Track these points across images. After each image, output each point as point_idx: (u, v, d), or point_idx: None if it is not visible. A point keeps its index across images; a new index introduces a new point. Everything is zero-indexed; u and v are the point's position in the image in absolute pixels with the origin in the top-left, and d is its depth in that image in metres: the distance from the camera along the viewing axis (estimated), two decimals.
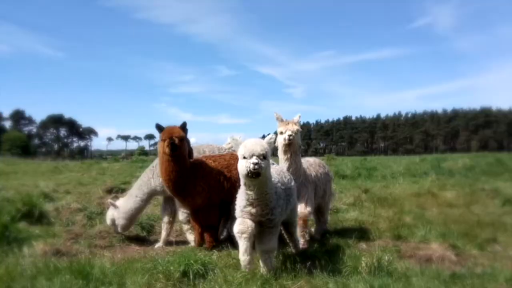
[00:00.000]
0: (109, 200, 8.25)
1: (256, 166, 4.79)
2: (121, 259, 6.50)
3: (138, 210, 7.89)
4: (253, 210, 5.23)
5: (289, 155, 6.73)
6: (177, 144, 6.46)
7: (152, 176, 7.71)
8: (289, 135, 6.63)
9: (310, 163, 7.67)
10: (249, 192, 5.16)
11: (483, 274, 5.68)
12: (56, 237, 7.64)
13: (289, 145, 6.70)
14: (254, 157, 4.82)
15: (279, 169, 6.08)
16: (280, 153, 6.83)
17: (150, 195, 7.88)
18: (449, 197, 11.76)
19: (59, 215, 9.22)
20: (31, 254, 6.47)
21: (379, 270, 5.57)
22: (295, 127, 6.75)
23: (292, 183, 6.05)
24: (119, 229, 7.79)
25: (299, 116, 7.00)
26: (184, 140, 6.73)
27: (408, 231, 7.98)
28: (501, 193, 11.77)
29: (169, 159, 6.52)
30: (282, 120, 6.93)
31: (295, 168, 6.77)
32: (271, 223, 5.34)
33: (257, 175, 4.86)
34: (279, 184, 5.55)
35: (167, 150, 6.43)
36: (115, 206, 7.76)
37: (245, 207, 5.29)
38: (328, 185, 7.96)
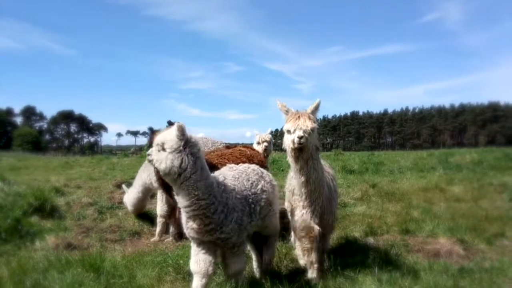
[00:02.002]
0: (123, 185, 9.11)
1: (149, 157, 4.21)
2: (132, 252, 6.61)
3: (137, 200, 8.39)
4: (194, 225, 4.32)
5: (302, 164, 4.71)
6: None
7: (143, 170, 8.08)
8: (300, 137, 4.52)
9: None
10: (176, 197, 4.37)
11: (492, 268, 5.70)
12: (68, 230, 7.76)
13: (300, 150, 4.64)
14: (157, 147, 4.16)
15: (242, 169, 4.94)
16: (289, 160, 4.86)
17: (144, 187, 8.25)
18: (456, 192, 11.72)
19: (70, 209, 9.33)
20: (43, 248, 6.61)
21: (387, 264, 5.61)
22: (309, 124, 4.60)
23: (260, 186, 4.84)
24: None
25: (318, 104, 4.83)
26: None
27: (416, 226, 7.99)
28: (509, 188, 11.71)
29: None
30: (288, 112, 4.85)
31: (315, 178, 4.81)
32: (226, 244, 4.45)
33: (161, 169, 4.12)
34: (233, 193, 4.49)
35: None
36: (126, 192, 8.67)
37: (186, 221, 4.43)
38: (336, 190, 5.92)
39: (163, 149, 4.09)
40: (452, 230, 7.55)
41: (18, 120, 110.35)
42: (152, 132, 6.38)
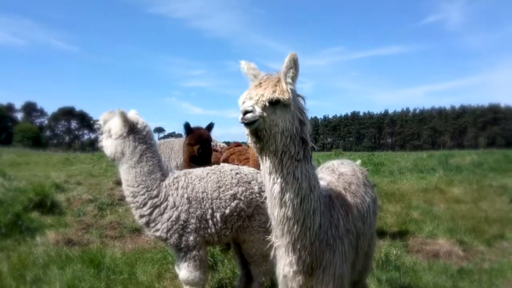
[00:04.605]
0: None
1: (100, 144, 4.28)
2: (132, 249, 6.62)
3: None
4: (135, 216, 4.20)
5: (273, 163, 2.63)
6: (209, 149, 5.64)
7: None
8: (244, 112, 2.50)
9: (346, 176, 3.38)
10: None
11: (491, 270, 5.71)
12: (68, 226, 7.76)
13: (257, 136, 2.59)
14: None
15: (218, 170, 4.33)
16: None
17: None
18: (456, 193, 11.73)
19: (70, 205, 9.34)
20: (44, 243, 6.61)
21: (387, 265, 5.63)
22: (267, 93, 2.51)
23: (232, 192, 4.15)
24: None
25: (292, 59, 2.59)
26: (210, 144, 5.86)
27: (416, 226, 8.01)
28: (509, 190, 11.73)
29: (191, 165, 5.37)
30: (254, 74, 2.74)
31: (297, 193, 2.65)
32: (168, 245, 4.21)
33: (108, 155, 4.19)
34: (182, 191, 4.09)
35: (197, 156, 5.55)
36: None
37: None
38: (374, 216, 3.63)
39: (110, 136, 4.09)
40: (452, 231, 7.56)
41: (19, 115, 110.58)
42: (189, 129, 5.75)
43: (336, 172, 3.45)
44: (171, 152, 8.45)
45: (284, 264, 2.93)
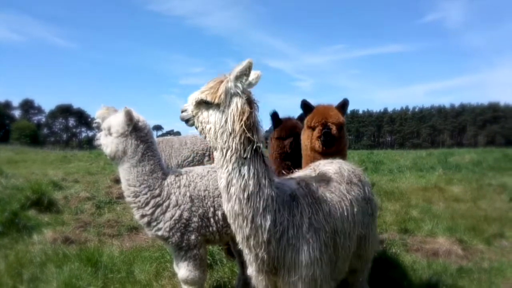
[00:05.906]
0: None
1: (97, 142, 4.22)
2: (130, 247, 6.58)
3: None
4: (136, 216, 4.09)
5: (217, 157, 2.80)
6: (334, 135, 4.28)
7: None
8: (182, 111, 2.90)
9: (325, 175, 3.44)
10: None
11: (490, 269, 5.69)
12: (65, 225, 7.73)
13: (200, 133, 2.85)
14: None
15: None
16: None
17: None
18: (456, 192, 11.72)
19: (67, 203, 9.32)
20: (41, 241, 6.58)
21: (386, 263, 5.60)
22: (196, 94, 2.84)
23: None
24: None
25: (247, 69, 2.69)
26: (344, 129, 4.45)
27: (415, 225, 7.97)
28: (508, 188, 11.74)
29: (319, 158, 4.17)
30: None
31: (243, 189, 2.69)
32: (168, 244, 4.08)
33: (107, 154, 4.07)
34: (184, 189, 4.03)
35: (316, 144, 4.30)
36: None
37: None
38: (368, 216, 3.61)
39: (110, 134, 4.00)
40: (451, 230, 7.53)
41: (17, 113, 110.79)
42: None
43: (316, 170, 3.51)
44: (171, 150, 8.40)
45: (248, 262, 2.98)
